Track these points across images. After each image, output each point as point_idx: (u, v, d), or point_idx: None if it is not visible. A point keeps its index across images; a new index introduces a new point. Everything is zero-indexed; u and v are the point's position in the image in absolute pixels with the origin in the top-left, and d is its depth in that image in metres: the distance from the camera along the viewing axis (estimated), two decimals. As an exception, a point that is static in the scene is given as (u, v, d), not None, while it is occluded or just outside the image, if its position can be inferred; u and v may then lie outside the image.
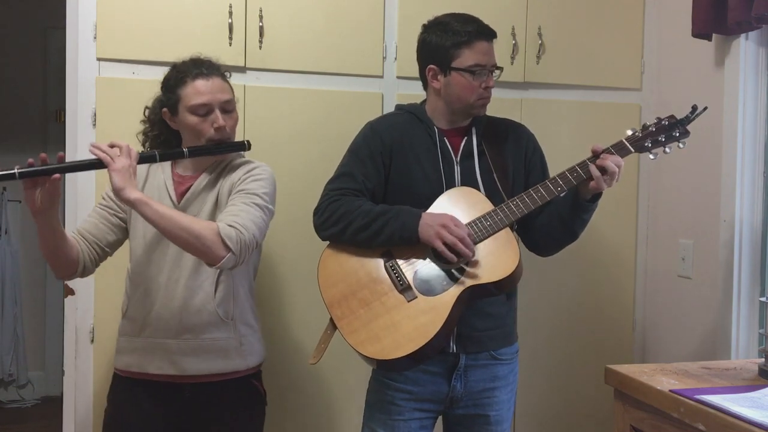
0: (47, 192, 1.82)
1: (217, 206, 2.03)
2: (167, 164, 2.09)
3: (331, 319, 2.01)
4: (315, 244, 2.10)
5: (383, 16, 2.66)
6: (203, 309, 2.01)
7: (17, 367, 4.63)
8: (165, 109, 2.05)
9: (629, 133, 2.01)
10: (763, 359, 2.00)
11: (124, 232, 2.10)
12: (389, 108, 2.56)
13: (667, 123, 1.99)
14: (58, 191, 1.83)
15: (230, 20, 2.51)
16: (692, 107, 2.00)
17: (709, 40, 2.51)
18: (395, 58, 2.67)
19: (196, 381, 2.02)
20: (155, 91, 2.14)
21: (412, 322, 1.93)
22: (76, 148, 2.44)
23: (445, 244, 1.92)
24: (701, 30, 2.48)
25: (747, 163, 2.47)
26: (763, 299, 2.13)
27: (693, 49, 2.64)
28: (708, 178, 2.59)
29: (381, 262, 2.01)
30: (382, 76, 2.68)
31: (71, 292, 2.44)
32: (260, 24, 2.54)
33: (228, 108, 2.04)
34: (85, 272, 2.04)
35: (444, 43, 2.04)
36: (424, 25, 2.13)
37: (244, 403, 2.10)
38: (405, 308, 1.95)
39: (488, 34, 2.07)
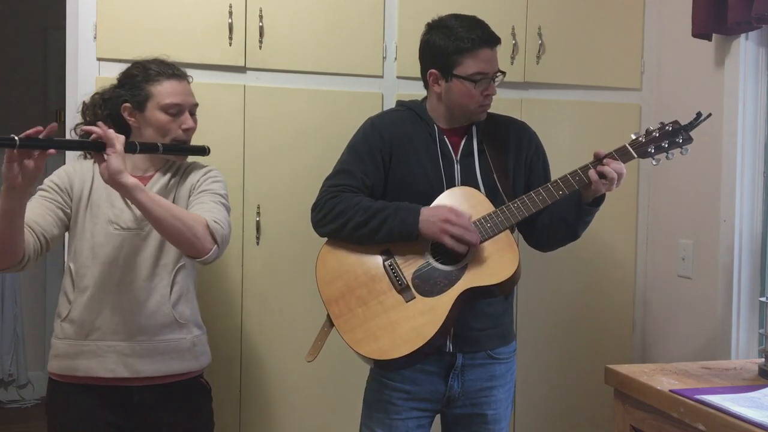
0: (32, 169, 1.72)
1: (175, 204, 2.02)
2: None
3: (329, 316, 2.01)
4: (314, 243, 2.10)
5: (383, 16, 2.66)
6: (159, 311, 1.99)
7: (17, 367, 4.63)
8: (127, 104, 2.02)
9: (633, 137, 1.99)
10: (763, 359, 2.00)
11: (65, 228, 2.02)
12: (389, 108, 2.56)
13: (671, 129, 1.98)
14: (41, 169, 1.75)
15: (230, 20, 2.51)
16: (697, 114, 1.99)
17: (709, 40, 2.51)
18: (395, 58, 2.67)
19: (147, 383, 1.99)
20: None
21: (409, 323, 1.93)
22: (76, 148, 2.44)
23: (453, 237, 1.92)
24: (701, 30, 2.48)
25: (747, 164, 2.47)
26: (763, 299, 2.13)
27: (693, 49, 2.64)
28: (708, 178, 2.59)
29: (380, 260, 2.00)
30: (382, 76, 2.68)
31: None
32: (260, 24, 2.54)
33: (193, 111, 2.08)
34: (27, 264, 1.91)
35: (447, 48, 2.01)
36: (428, 25, 2.10)
37: (194, 401, 2.09)
38: (403, 308, 1.95)
39: (492, 41, 2.04)
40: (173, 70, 2.05)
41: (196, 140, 2.11)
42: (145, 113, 2.02)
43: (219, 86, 2.53)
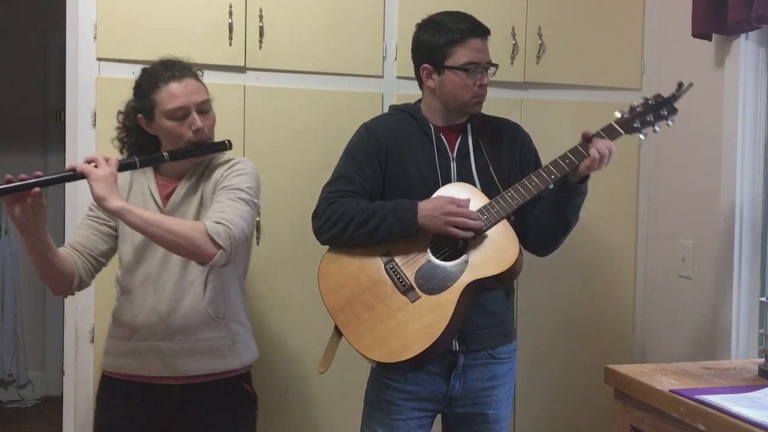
0: (30, 207, 1.79)
1: (201, 207, 2.02)
2: (149, 170, 2.07)
3: (336, 326, 2.00)
4: (314, 243, 2.10)
5: (383, 16, 2.66)
6: (193, 310, 2.00)
7: (17, 367, 4.63)
8: (140, 116, 2.02)
9: (618, 115, 2.01)
10: (763, 359, 2.00)
11: (115, 240, 2.09)
12: (389, 108, 2.56)
13: (654, 102, 2.00)
14: (41, 205, 1.81)
15: (230, 20, 2.51)
16: (678, 84, 2.01)
17: (709, 40, 2.51)
18: (395, 58, 2.67)
19: (188, 382, 2.02)
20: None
21: (417, 322, 1.92)
22: (76, 148, 2.44)
23: (457, 226, 1.92)
24: (701, 30, 2.48)
25: (747, 163, 2.47)
26: (763, 299, 2.13)
27: (693, 49, 2.64)
28: (708, 177, 2.59)
29: (381, 264, 2.00)
30: (382, 76, 2.68)
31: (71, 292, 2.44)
32: (260, 24, 2.54)
33: (204, 108, 2.02)
34: (81, 285, 2.02)
35: (437, 41, 2.04)
36: (418, 24, 2.13)
37: (235, 404, 2.09)
38: (409, 309, 1.95)
39: (481, 31, 2.06)
40: (172, 71, 2.00)
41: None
42: (156, 122, 2.01)
43: (219, 86, 2.51)
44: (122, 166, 1.90)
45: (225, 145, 2.05)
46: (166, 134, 2.01)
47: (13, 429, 4.28)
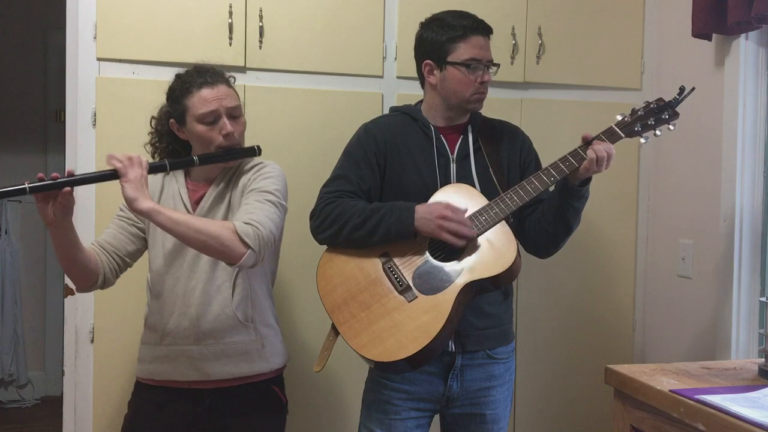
0: (60, 205, 1.81)
1: (229, 210, 2.03)
2: (180, 174, 2.09)
3: (333, 325, 2.01)
4: (314, 243, 2.10)
5: (383, 16, 2.67)
6: (222, 313, 2.01)
7: (17, 367, 4.63)
8: (172, 120, 2.04)
9: (618, 118, 2.01)
10: (763, 359, 2.00)
11: (143, 242, 2.11)
12: (389, 108, 2.56)
13: (655, 106, 2.00)
14: (71, 203, 1.83)
15: (230, 20, 2.51)
16: (680, 88, 2.01)
17: (709, 40, 2.51)
18: (395, 58, 2.68)
19: (218, 386, 2.03)
20: (155, 91, 2.14)
21: (414, 322, 1.92)
22: (76, 148, 2.44)
23: (449, 232, 1.92)
24: (701, 30, 2.48)
25: (747, 163, 2.47)
26: (763, 299, 2.13)
27: (693, 49, 2.64)
28: (708, 177, 2.59)
29: (379, 263, 2.00)
30: (382, 76, 2.68)
31: (71, 292, 2.44)
32: (260, 24, 2.54)
33: (235, 114, 2.03)
34: (105, 283, 2.03)
35: (440, 38, 2.05)
36: (421, 23, 2.14)
37: (265, 408, 2.10)
38: (406, 308, 1.95)
39: (484, 29, 2.07)
40: (204, 77, 2.01)
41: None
42: (187, 127, 2.02)
43: (219, 86, 2.53)
44: (153, 168, 1.92)
45: (254, 151, 2.06)
46: (196, 138, 2.02)
47: (13, 429, 4.28)
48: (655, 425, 1.86)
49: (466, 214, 1.97)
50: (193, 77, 2.02)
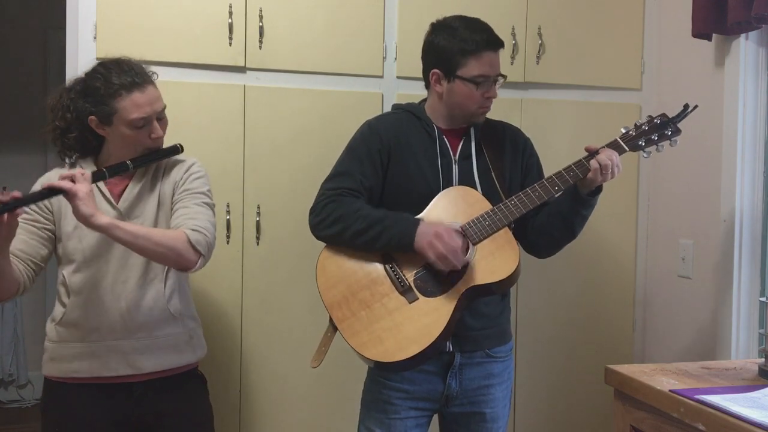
0: (7, 226, 1.78)
1: (160, 207, 2.04)
2: (92, 167, 2.03)
3: (332, 322, 2.00)
4: (314, 243, 2.10)
5: (383, 16, 2.66)
6: (155, 306, 2.02)
7: (17, 367, 4.63)
8: (93, 117, 1.99)
9: (622, 131, 2.02)
10: (763, 359, 2.00)
11: (53, 243, 2.05)
12: (389, 108, 2.56)
13: (659, 122, 2.01)
14: (17, 225, 1.81)
15: (230, 20, 2.51)
16: (684, 106, 2.03)
17: (709, 40, 2.51)
18: (395, 58, 2.67)
19: (148, 378, 2.02)
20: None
21: (414, 324, 1.93)
22: (76, 148, 2.44)
23: (436, 253, 1.91)
24: (701, 30, 2.48)
25: (747, 163, 2.47)
26: (763, 299, 2.13)
27: (693, 49, 2.64)
28: (708, 178, 2.59)
29: (380, 262, 2.00)
30: (382, 76, 2.68)
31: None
32: (260, 24, 2.54)
33: (162, 116, 2.04)
34: (24, 291, 2.00)
35: (451, 48, 2.02)
36: (432, 25, 2.11)
37: (192, 390, 2.13)
38: (407, 310, 1.95)
39: (496, 44, 2.05)
40: (133, 78, 1.97)
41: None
42: (113, 127, 1.99)
43: (219, 86, 2.53)
44: (94, 179, 1.90)
45: (178, 149, 2.08)
46: (122, 140, 2.00)
47: (13, 429, 4.28)
48: (655, 425, 1.86)
49: (470, 218, 1.98)
50: (119, 77, 1.97)
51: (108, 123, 1.99)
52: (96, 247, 2.00)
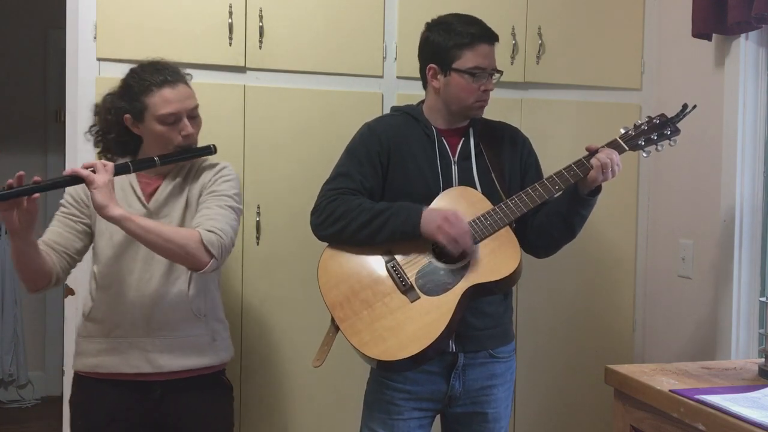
0: (26, 211, 1.81)
1: (187, 208, 2.05)
2: None
3: (333, 321, 2.00)
4: (314, 243, 2.10)
5: (383, 16, 2.66)
6: (177, 306, 2.02)
7: (17, 367, 4.63)
8: (128, 116, 2.02)
9: (622, 131, 2.04)
10: (763, 359, 2.00)
11: (89, 237, 2.08)
12: (389, 108, 2.56)
13: (658, 122, 2.03)
14: (37, 210, 1.83)
15: (230, 20, 2.51)
16: (683, 106, 2.05)
17: (709, 40, 2.51)
18: (395, 58, 2.67)
19: (168, 378, 2.03)
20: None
21: (416, 323, 1.93)
22: (76, 148, 2.44)
23: (447, 235, 1.92)
24: (701, 30, 2.48)
25: (747, 163, 2.47)
26: (763, 299, 2.13)
27: (693, 49, 2.64)
28: (708, 178, 2.59)
29: (382, 261, 2.01)
30: (382, 76, 2.68)
31: (71, 292, 2.44)
32: (260, 24, 2.54)
33: (194, 114, 2.05)
34: (57, 283, 2.02)
35: (446, 43, 2.05)
36: (427, 24, 2.13)
37: (214, 395, 2.12)
38: (408, 309, 1.95)
39: (490, 37, 2.07)
40: (165, 76, 2.00)
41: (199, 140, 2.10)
42: (145, 124, 2.01)
43: (219, 86, 2.53)
44: (117, 171, 1.91)
45: (211, 150, 2.08)
46: (154, 137, 2.02)
47: (13, 429, 4.28)
48: (655, 425, 1.86)
49: (471, 217, 1.98)
50: (152, 75, 2.00)
51: (141, 120, 2.01)
52: (125, 244, 2.02)
